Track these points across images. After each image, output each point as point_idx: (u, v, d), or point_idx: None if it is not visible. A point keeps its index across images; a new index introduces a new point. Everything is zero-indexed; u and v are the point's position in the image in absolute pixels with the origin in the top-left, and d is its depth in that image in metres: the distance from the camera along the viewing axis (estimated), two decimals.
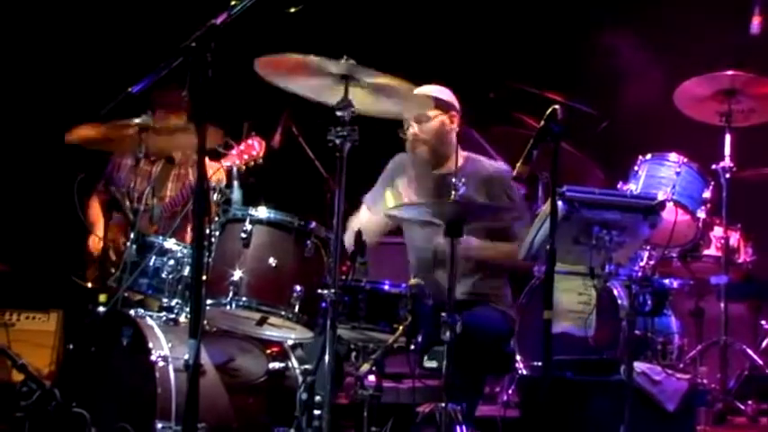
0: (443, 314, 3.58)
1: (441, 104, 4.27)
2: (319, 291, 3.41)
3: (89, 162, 5.00)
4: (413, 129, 4.27)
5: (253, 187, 4.26)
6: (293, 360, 4.02)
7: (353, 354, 3.75)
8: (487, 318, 4.14)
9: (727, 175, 5.02)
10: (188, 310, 3.99)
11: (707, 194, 4.90)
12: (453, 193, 3.69)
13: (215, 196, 3.87)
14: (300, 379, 3.90)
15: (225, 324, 3.94)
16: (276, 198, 4.01)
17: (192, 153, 5.29)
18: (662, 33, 6.12)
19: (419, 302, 3.69)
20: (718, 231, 5.07)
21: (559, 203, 3.50)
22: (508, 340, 4.31)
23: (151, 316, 3.95)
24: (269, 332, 3.95)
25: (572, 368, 4.15)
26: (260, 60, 3.40)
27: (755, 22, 4.85)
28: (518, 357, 4.49)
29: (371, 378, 3.59)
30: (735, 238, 5.17)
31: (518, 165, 3.53)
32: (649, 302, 3.92)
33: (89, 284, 5.14)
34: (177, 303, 4.02)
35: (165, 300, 4.05)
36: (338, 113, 3.40)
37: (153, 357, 3.70)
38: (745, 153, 5.17)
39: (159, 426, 3.60)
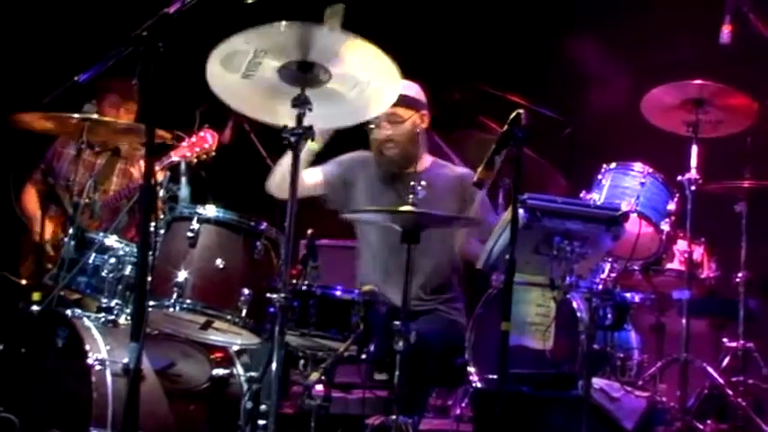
0: (397, 323, 3.60)
1: (413, 104, 4.28)
2: (268, 295, 3.40)
3: (27, 147, 4.95)
4: (386, 130, 4.27)
5: (201, 184, 4.25)
6: (238, 367, 4.02)
7: (302, 362, 3.76)
8: (438, 328, 4.16)
9: (693, 188, 5.06)
10: (128, 311, 3.97)
11: (671, 207, 4.95)
12: (411, 197, 3.69)
13: (161, 192, 3.85)
14: (245, 387, 3.90)
15: (168, 327, 3.92)
16: (225, 196, 4.01)
17: (139, 146, 5.27)
18: (631, 40, 6.20)
19: (372, 310, 3.71)
20: (681, 245, 5.14)
21: (520, 212, 3.53)
22: (460, 351, 4.33)
23: (89, 317, 3.92)
24: (214, 337, 3.94)
25: (528, 382, 4.19)
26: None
27: (725, 32, 4.90)
28: (472, 370, 4.52)
29: (319, 387, 3.60)
30: (699, 253, 5.24)
31: (479, 170, 3.54)
32: (610, 316, 3.96)
33: (23, 281, 5.09)
34: (117, 304, 4.00)
35: (104, 300, 4.02)
36: (294, 111, 3.39)
37: (89, 360, 3.66)
38: (712, 165, 5.25)
39: None
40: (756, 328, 5.34)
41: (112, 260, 4.05)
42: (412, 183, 3.73)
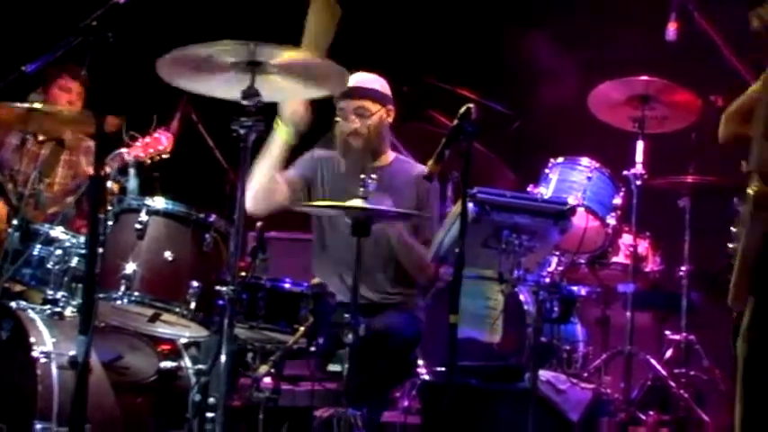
0: (346, 315, 3.62)
1: (380, 99, 4.29)
2: (217, 287, 3.39)
3: None
4: (353, 123, 4.28)
5: (150, 176, 4.22)
6: (186, 359, 4.00)
7: (250, 355, 3.75)
8: (399, 323, 4.18)
9: (639, 182, 5.14)
10: (75, 303, 3.94)
11: (617, 201, 5.04)
12: (361, 190, 3.70)
13: (109, 184, 3.82)
14: (193, 379, 3.88)
15: (115, 320, 3.89)
16: (174, 188, 3.99)
17: (83, 137, 5.21)
18: (579, 35, 6.26)
19: (322, 302, 3.71)
20: (627, 239, 5.21)
21: (470, 205, 3.56)
22: (417, 347, 4.36)
23: (34, 309, 3.88)
24: (162, 329, 3.92)
25: (476, 375, 4.23)
26: (159, 63, 3.34)
27: (671, 29, 4.98)
28: (420, 362, 4.55)
29: (268, 380, 3.60)
30: (643, 247, 5.32)
31: (429, 164, 3.56)
32: (557, 309, 4.01)
33: None
34: (63, 296, 3.96)
35: (49, 292, 3.98)
36: (244, 103, 3.38)
37: (34, 353, 3.63)
38: (658, 161, 5.33)
39: (39, 426, 3.53)
40: (698, 321, 5.44)
41: (58, 252, 4.01)
42: (362, 176, 3.74)
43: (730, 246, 2.15)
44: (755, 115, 2.11)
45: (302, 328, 3.61)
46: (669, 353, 5.37)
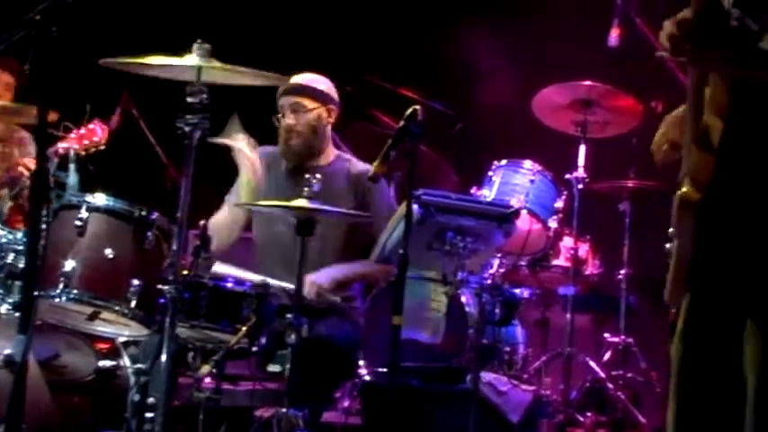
0: (289, 315, 3.60)
1: (319, 96, 4.29)
2: (159, 286, 3.36)
3: None
4: (289, 119, 4.27)
5: (91, 172, 4.17)
6: (125, 358, 3.96)
7: (191, 354, 3.73)
8: (341, 330, 4.17)
9: (580, 186, 5.22)
10: (10, 300, 3.87)
11: (559, 204, 5.09)
12: (306, 190, 3.70)
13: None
14: (132, 379, 3.84)
15: (53, 318, 3.83)
16: (116, 185, 3.94)
17: (16, 128, 5.12)
18: (524, 39, 6.31)
19: (264, 302, 3.70)
20: (567, 242, 5.28)
21: (414, 207, 3.58)
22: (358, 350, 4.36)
23: None
24: (101, 328, 3.86)
25: (418, 376, 4.24)
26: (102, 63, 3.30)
27: (614, 35, 5.05)
28: (361, 363, 4.55)
29: (209, 380, 3.58)
30: (584, 250, 5.39)
31: (375, 164, 3.57)
32: (499, 312, 4.05)
33: None
34: None
35: None
36: (189, 99, 3.36)
37: None
38: (599, 165, 5.40)
39: None
40: (636, 324, 5.53)
41: None
42: (307, 176, 3.74)
43: (667, 246, 2.21)
44: (686, 127, 2.18)
45: (244, 328, 3.59)
46: (607, 355, 5.45)
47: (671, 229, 2.17)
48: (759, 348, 2.09)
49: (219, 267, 3.90)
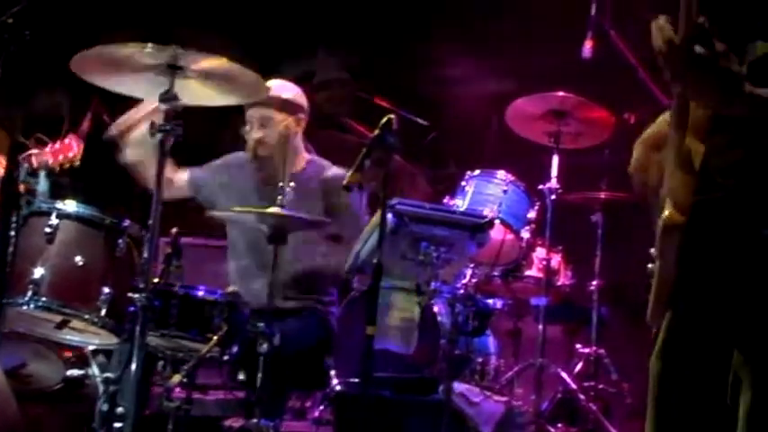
0: (261, 324, 3.58)
1: (287, 107, 4.24)
2: (129, 294, 3.33)
3: None
4: (256, 133, 4.23)
5: (61, 179, 4.12)
6: (94, 367, 3.92)
7: (161, 363, 3.70)
8: (306, 328, 4.15)
9: (553, 197, 5.23)
10: None
11: (532, 214, 5.10)
12: (279, 198, 3.68)
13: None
14: (101, 388, 3.80)
15: (20, 326, 3.80)
16: (86, 191, 3.91)
17: None
18: (498, 49, 6.33)
19: (235, 311, 3.68)
20: (540, 252, 5.28)
21: (389, 216, 3.57)
22: (328, 352, 4.32)
23: None
24: (70, 336, 3.84)
25: (390, 386, 4.23)
26: (77, 57, 3.27)
27: (587, 47, 5.07)
28: (332, 372, 4.53)
29: (179, 390, 3.55)
30: (556, 261, 5.40)
31: (349, 174, 3.55)
32: (471, 322, 4.05)
33: None
34: None
35: None
36: (161, 106, 3.33)
37: None
38: (572, 176, 5.42)
39: None
40: (607, 335, 5.54)
41: None
42: (281, 184, 3.72)
43: (649, 266, 2.20)
44: (668, 149, 2.17)
45: (215, 337, 3.57)
46: (579, 366, 5.46)
47: (652, 250, 2.16)
48: (747, 377, 2.08)
49: None
